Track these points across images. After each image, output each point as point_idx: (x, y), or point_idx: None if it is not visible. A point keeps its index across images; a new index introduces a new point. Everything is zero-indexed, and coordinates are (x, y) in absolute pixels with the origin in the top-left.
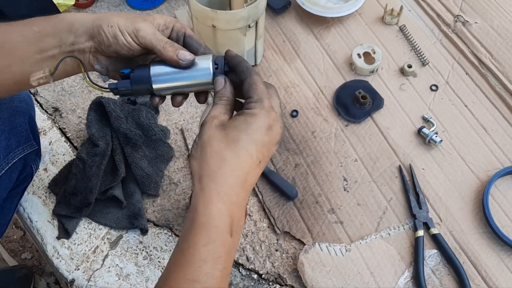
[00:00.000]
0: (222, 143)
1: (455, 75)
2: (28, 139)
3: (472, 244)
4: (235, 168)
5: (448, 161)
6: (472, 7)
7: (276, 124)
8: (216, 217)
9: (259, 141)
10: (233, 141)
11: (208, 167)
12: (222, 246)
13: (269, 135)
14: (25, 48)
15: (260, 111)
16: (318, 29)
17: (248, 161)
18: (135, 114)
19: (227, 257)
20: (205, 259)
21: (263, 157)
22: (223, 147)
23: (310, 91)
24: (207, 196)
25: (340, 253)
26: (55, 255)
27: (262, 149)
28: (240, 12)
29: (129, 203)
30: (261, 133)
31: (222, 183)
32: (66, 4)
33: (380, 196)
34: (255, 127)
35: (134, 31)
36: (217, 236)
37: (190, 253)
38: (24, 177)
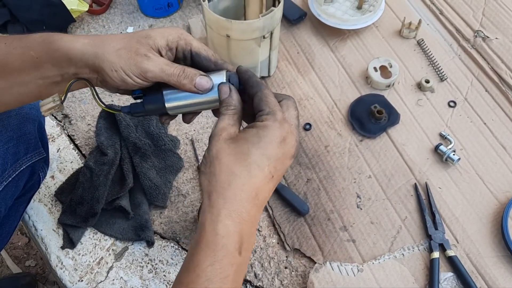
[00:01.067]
0: (231, 157)
1: (474, 92)
2: (37, 146)
3: (490, 268)
4: (245, 183)
5: (466, 181)
6: (493, 22)
7: (290, 137)
8: (224, 235)
9: (271, 155)
10: (244, 155)
11: (217, 183)
12: (230, 266)
13: (283, 149)
14: (26, 73)
15: (272, 123)
16: (334, 41)
17: (260, 176)
18: (145, 123)
19: (235, 277)
20: (211, 279)
21: (276, 172)
22: (232, 161)
23: (324, 104)
24: (215, 213)
25: (352, 273)
26: (58, 265)
27: (275, 163)
28: (256, 23)
29: (136, 214)
30: (273, 147)
31: (232, 199)
32: (80, 10)
33: (395, 214)
34: (267, 140)
35: (142, 73)
36: (225, 255)
37: (195, 273)
38: (31, 185)
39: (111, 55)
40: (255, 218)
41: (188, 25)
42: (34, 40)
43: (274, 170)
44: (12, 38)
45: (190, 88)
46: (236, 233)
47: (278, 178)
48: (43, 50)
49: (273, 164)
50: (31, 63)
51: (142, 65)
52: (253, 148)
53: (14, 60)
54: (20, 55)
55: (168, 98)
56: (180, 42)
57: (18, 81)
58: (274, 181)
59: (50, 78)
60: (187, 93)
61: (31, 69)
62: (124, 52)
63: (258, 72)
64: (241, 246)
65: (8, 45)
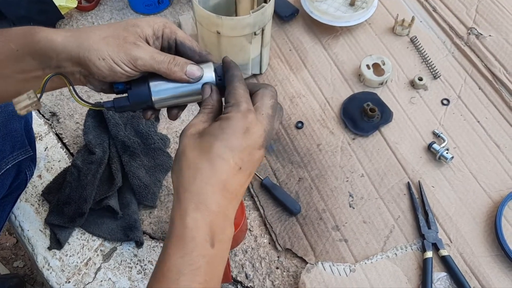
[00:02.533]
0: (196, 151)
1: (468, 89)
2: (23, 144)
3: (483, 267)
4: (210, 177)
5: (459, 179)
6: (487, 19)
7: (255, 127)
8: (193, 228)
9: (234, 146)
10: (207, 148)
11: (183, 178)
12: (201, 257)
13: (247, 139)
14: (5, 65)
15: (235, 114)
16: (326, 39)
17: (225, 168)
18: (134, 122)
19: (208, 268)
20: (182, 271)
21: (243, 163)
22: (196, 156)
23: (316, 102)
24: (183, 207)
25: (344, 273)
26: (45, 266)
27: (240, 155)
28: (246, 19)
29: (124, 214)
30: (236, 137)
31: (198, 193)
32: (68, 6)
33: (387, 214)
34: (230, 131)
35: (131, 60)
36: (195, 247)
37: (167, 267)
38: (18, 184)
39: (97, 43)
40: (228, 210)
41: (178, 22)
42: (15, 33)
43: (241, 162)
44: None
45: (180, 76)
46: (205, 225)
47: (249, 169)
48: (24, 43)
49: (237, 155)
50: (10, 55)
51: (132, 52)
52: (216, 141)
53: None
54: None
55: (154, 90)
56: (166, 30)
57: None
58: (244, 172)
59: (30, 72)
60: (173, 85)
61: (10, 61)
62: (112, 40)
63: (250, 70)
64: (213, 238)
65: None
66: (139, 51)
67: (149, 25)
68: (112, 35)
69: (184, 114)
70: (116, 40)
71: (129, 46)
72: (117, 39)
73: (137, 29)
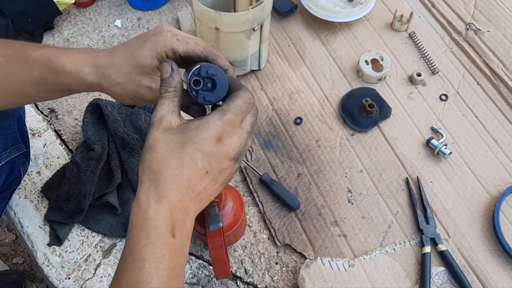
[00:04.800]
0: (167, 148)
1: (466, 85)
2: (17, 141)
3: (481, 262)
4: (176, 174)
5: (457, 175)
6: (485, 15)
7: (228, 139)
8: (155, 219)
9: (205, 150)
10: (179, 147)
11: (150, 172)
12: (164, 245)
13: (218, 148)
14: (30, 87)
15: (215, 121)
16: (325, 34)
17: (192, 168)
18: (133, 118)
19: (172, 256)
20: (147, 259)
21: (211, 169)
22: (168, 152)
23: (315, 97)
24: (145, 199)
25: (343, 269)
26: (45, 263)
27: (209, 160)
28: (245, 15)
29: (124, 210)
30: (208, 143)
31: (162, 187)
32: (66, 2)
33: (386, 209)
34: (204, 135)
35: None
36: (157, 236)
37: (131, 257)
38: (12, 180)
39: (115, 87)
40: (189, 207)
41: (177, 18)
42: (38, 59)
43: (209, 167)
44: (11, 51)
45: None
46: (167, 217)
47: (216, 176)
48: (47, 72)
49: (206, 160)
50: (34, 81)
51: (146, 98)
52: (189, 142)
53: (17, 75)
54: (22, 72)
55: None
56: (169, 54)
57: (19, 93)
58: (210, 177)
59: (54, 94)
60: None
61: (33, 86)
62: (127, 85)
63: (248, 66)
64: (174, 229)
65: (8, 58)
66: (151, 95)
67: (153, 57)
68: (126, 79)
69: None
70: (131, 85)
71: (143, 92)
72: (132, 84)
73: (145, 69)
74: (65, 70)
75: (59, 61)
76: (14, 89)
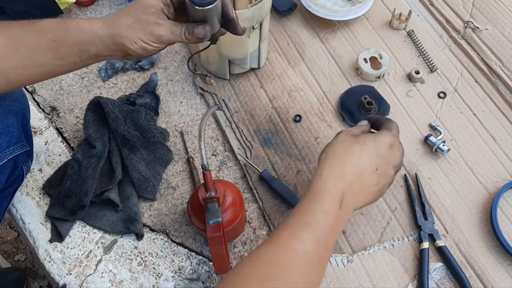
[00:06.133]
0: (351, 142)
1: (464, 83)
2: (20, 139)
3: (479, 257)
4: (355, 160)
5: (455, 171)
6: (483, 13)
7: (397, 149)
8: (332, 187)
9: (379, 151)
10: (361, 142)
11: (335, 156)
12: (332, 207)
13: (389, 152)
14: (43, 54)
15: (387, 132)
16: (324, 33)
17: (367, 161)
18: (134, 116)
19: (335, 222)
20: (318, 210)
21: (379, 167)
22: (352, 144)
23: (314, 95)
24: (327, 173)
25: (342, 264)
26: (47, 259)
27: (380, 160)
28: (244, 13)
29: (125, 207)
30: (383, 147)
31: (345, 167)
32: (67, 1)
33: (384, 205)
34: (380, 140)
35: (157, 39)
36: (329, 200)
37: (304, 207)
38: (15, 178)
39: (126, 31)
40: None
41: None
42: (49, 24)
43: (379, 165)
44: (23, 23)
45: (193, 40)
46: (340, 190)
47: (380, 178)
48: (61, 33)
49: (379, 159)
50: (47, 45)
51: (156, 32)
52: (369, 142)
53: (30, 41)
54: (35, 37)
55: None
56: None
57: (33, 62)
58: (377, 176)
59: (67, 59)
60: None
61: (47, 50)
62: (137, 25)
63: (248, 64)
64: (342, 202)
65: (21, 28)
66: (160, 29)
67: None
68: (136, 20)
69: (183, 108)
70: (140, 25)
71: (151, 27)
72: (141, 23)
73: (152, 9)
74: (79, 26)
75: (74, 21)
76: (29, 58)
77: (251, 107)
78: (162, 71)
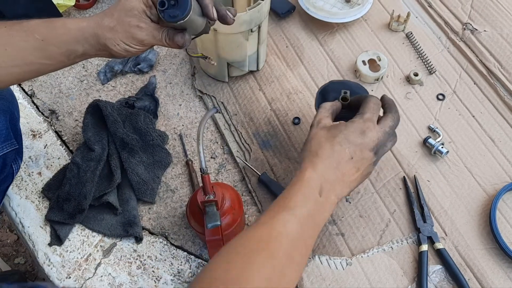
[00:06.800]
0: (323, 137)
1: (463, 84)
2: (8, 137)
3: (478, 260)
4: (329, 156)
5: (454, 173)
6: (482, 15)
7: (370, 132)
8: (309, 179)
9: (351, 140)
10: (332, 136)
11: (310, 152)
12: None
13: (362, 138)
14: (30, 53)
15: (358, 119)
16: (323, 35)
17: (341, 153)
18: (133, 119)
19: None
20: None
21: (355, 155)
22: (323, 140)
23: (313, 98)
24: (303, 168)
25: (341, 267)
26: (46, 262)
27: (354, 148)
28: (242, 16)
29: (124, 210)
30: (354, 135)
31: (318, 163)
32: (66, 4)
33: (383, 208)
34: (351, 129)
35: (139, 42)
36: (308, 189)
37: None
38: (4, 177)
39: (108, 32)
40: (334, 183)
41: None
42: (37, 24)
43: (354, 154)
44: (11, 23)
45: (173, 46)
46: (318, 182)
47: (359, 164)
48: (48, 33)
49: (352, 148)
50: (35, 45)
51: (137, 36)
52: (339, 133)
53: (18, 41)
54: (23, 37)
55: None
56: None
57: (21, 61)
58: (354, 163)
59: (55, 58)
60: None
61: (35, 50)
62: (119, 27)
63: (247, 67)
64: (321, 191)
65: (9, 28)
66: (142, 33)
67: (139, 0)
68: (118, 22)
69: (182, 111)
70: (122, 27)
71: (133, 31)
72: (123, 26)
73: (134, 11)
74: (66, 26)
75: (61, 21)
76: (16, 57)
77: (250, 110)
78: (161, 74)
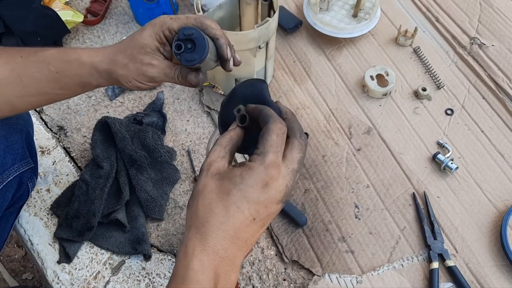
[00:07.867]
0: (214, 194)
1: (471, 99)
2: (24, 156)
3: (489, 277)
4: (223, 222)
5: (464, 189)
6: (489, 29)
7: (275, 182)
8: (199, 271)
9: (251, 198)
10: (225, 194)
11: (197, 218)
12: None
13: (265, 193)
14: (45, 84)
15: (258, 166)
16: (330, 50)
17: (239, 217)
18: (141, 135)
19: None
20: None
21: (257, 215)
22: (214, 199)
23: (321, 113)
24: (191, 247)
25: (351, 285)
26: (55, 280)
27: (256, 207)
28: (251, 33)
29: (132, 227)
30: (254, 190)
31: (208, 236)
32: (74, 21)
33: (393, 224)
34: (249, 183)
35: (150, 79)
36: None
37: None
38: (20, 195)
39: (121, 69)
40: (235, 257)
41: None
42: (52, 56)
43: (256, 213)
44: (27, 52)
45: (185, 84)
46: (211, 269)
47: (263, 221)
48: (63, 66)
49: (253, 207)
50: (50, 76)
51: (149, 74)
52: (234, 189)
53: (33, 72)
54: (39, 68)
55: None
56: (165, 33)
57: (36, 91)
58: (257, 223)
59: (69, 89)
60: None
61: (50, 82)
62: (131, 65)
63: None
64: (217, 283)
65: (25, 58)
66: (154, 71)
67: (152, 37)
68: (130, 60)
69: (190, 126)
70: (135, 65)
71: (145, 69)
72: (135, 63)
73: (147, 48)
74: (80, 60)
75: (76, 53)
76: (32, 87)
77: None
78: (169, 90)
